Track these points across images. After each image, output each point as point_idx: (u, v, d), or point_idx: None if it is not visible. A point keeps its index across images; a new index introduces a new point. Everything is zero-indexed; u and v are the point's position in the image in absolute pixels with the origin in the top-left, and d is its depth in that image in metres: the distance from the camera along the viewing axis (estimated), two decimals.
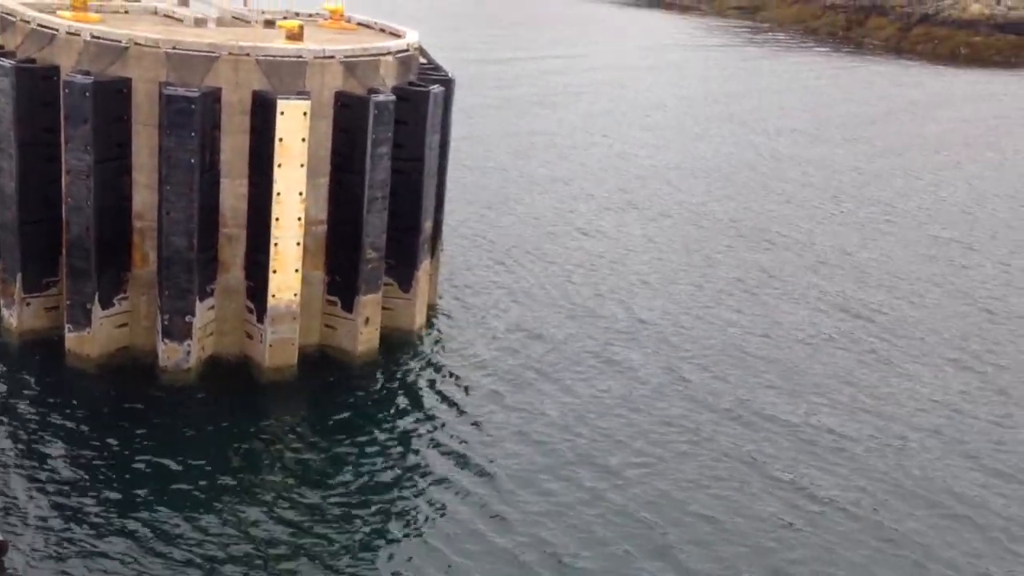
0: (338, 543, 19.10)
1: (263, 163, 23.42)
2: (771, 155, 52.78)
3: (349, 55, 24.42)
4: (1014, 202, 47.80)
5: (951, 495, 22.56)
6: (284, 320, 24.25)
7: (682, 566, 19.18)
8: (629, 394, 25.59)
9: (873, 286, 34.82)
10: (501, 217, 38.60)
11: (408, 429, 23.53)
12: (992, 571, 19.99)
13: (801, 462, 23.24)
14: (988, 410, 26.64)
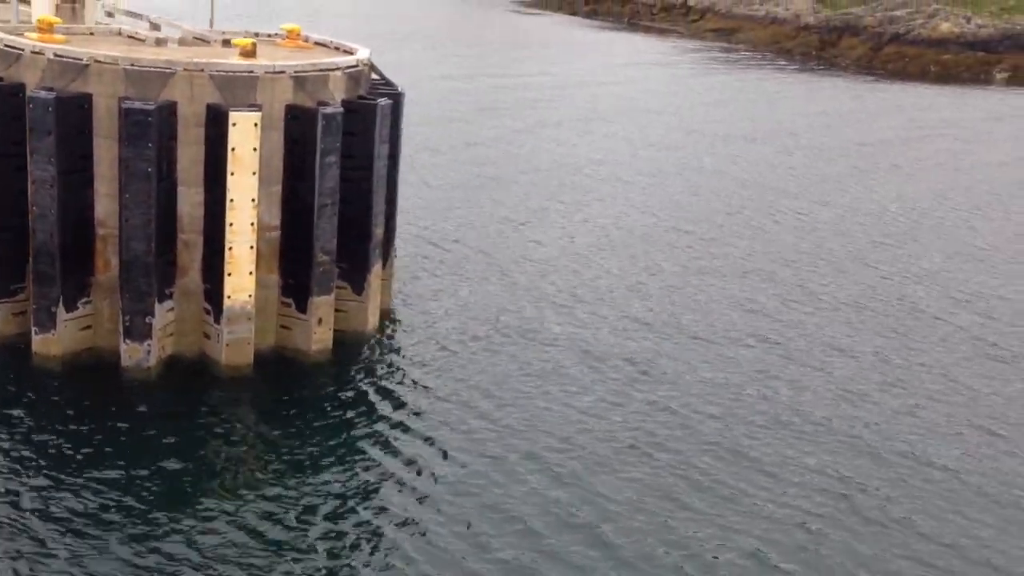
0: (291, 537, 19.98)
1: (217, 172, 24.89)
2: (730, 161, 54.40)
3: (299, 70, 25.93)
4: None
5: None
6: (239, 320, 25.65)
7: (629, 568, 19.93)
8: (576, 397, 26.58)
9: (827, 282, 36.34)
10: (459, 226, 40.07)
11: (358, 426, 24.65)
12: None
13: (762, 457, 24.58)
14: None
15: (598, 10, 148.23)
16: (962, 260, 41.16)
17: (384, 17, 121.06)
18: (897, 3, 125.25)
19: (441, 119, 60.50)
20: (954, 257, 41.49)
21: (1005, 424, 27.13)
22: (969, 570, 20.70)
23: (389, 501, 21.60)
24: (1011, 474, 24.62)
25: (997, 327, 34.09)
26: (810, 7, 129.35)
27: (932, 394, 28.58)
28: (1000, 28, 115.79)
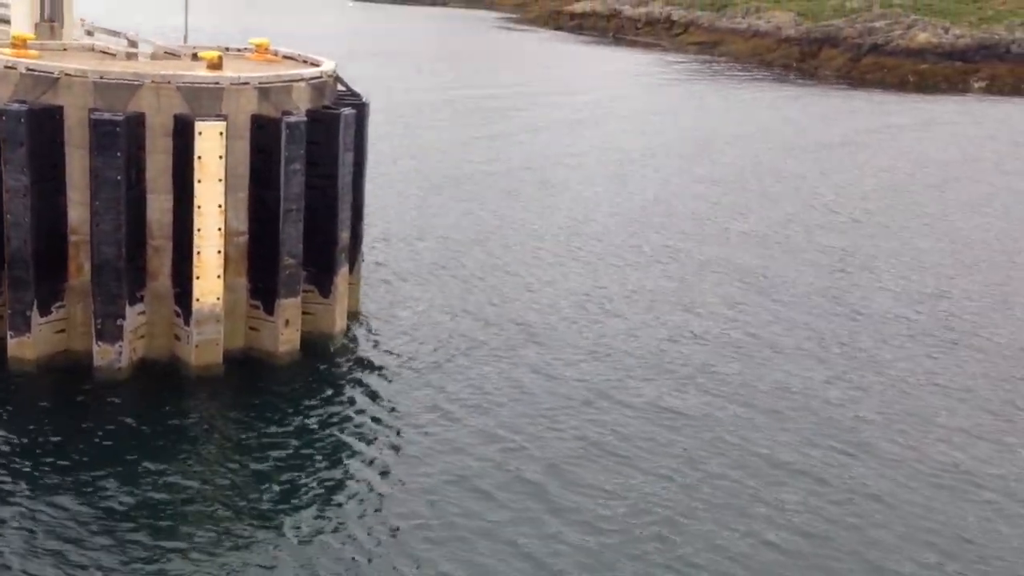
0: (259, 532, 20.70)
1: (185, 179, 25.90)
2: (698, 166, 55.52)
3: (263, 81, 26.97)
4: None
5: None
6: (208, 322, 26.62)
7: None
8: (538, 397, 27.44)
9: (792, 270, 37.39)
10: (429, 232, 41.16)
11: (324, 424, 25.41)
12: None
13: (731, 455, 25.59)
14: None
15: (583, 25, 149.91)
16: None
17: (375, 37, 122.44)
18: (876, 15, 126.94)
19: (416, 129, 61.84)
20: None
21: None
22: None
23: (353, 497, 22.33)
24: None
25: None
26: (791, 20, 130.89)
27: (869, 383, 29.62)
28: (977, 38, 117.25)
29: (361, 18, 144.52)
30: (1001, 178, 61.28)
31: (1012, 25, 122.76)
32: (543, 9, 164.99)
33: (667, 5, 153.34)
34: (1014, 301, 38.09)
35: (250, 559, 19.91)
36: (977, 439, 26.77)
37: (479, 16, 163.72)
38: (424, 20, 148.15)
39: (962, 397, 29.34)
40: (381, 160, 52.47)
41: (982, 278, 40.57)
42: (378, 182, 48.11)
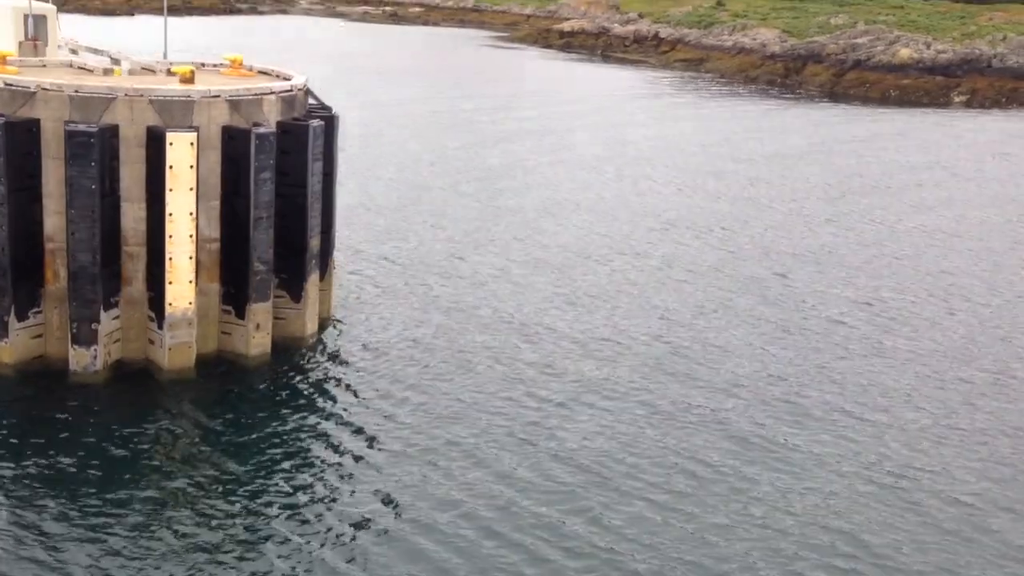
0: (228, 529, 21.47)
1: (157, 188, 26.92)
2: (668, 177, 56.61)
3: (234, 94, 28.03)
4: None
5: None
6: (181, 326, 27.60)
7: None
8: (508, 402, 28.24)
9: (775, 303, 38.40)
10: (402, 241, 42.24)
11: (293, 426, 26.23)
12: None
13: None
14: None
15: (572, 43, 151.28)
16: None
17: (367, 55, 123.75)
18: (860, 31, 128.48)
19: (394, 142, 62.95)
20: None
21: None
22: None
23: (319, 497, 23.09)
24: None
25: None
26: (776, 37, 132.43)
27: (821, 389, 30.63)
28: (960, 53, 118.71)
29: (352, 38, 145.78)
30: (958, 183, 62.46)
31: (995, 40, 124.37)
32: (533, 28, 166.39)
33: (655, 23, 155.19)
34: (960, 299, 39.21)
35: (220, 557, 20.64)
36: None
37: (470, 35, 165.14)
38: (413, 39, 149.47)
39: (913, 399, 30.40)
40: (357, 171, 53.80)
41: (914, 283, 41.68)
42: (355, 192, 49.44)
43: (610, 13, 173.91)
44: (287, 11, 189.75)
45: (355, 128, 67.30)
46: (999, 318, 37.94)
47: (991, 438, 27.95)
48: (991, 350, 34.54)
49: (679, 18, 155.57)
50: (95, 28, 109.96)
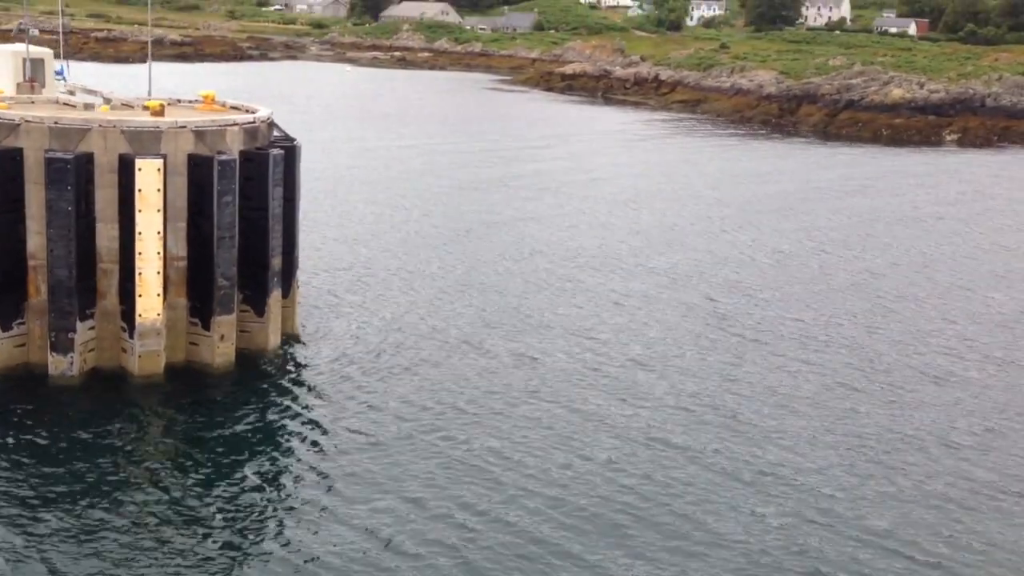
0: (189, 526, 23.50)
1: (128, 209, 29.75)
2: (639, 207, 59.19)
3: (199, 126, 30.92)
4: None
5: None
6: (150, 336, 30.33)
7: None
8: (457, 410, 30.58)
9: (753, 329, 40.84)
10: (370, 262, 45.20)
11: (253, 429, 28.78)
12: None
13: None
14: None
15: (573, 85, 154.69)
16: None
17: (366, 97, 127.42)
18: (855, 72, 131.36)
19: (377, 178, 65.99)
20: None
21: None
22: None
23: (274, 497, 25.28)
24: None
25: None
26: (773, 78, 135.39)
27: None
28: (953, 93, 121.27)
29: (356, 83, 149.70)
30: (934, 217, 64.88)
31: (990, 80, 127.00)
32: (537, 71, 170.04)
33: (656, 65, 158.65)
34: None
35: (182, 553, 22.53)
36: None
37: (474, 78, 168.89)
38: (416, 83, 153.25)
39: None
40: (336, 202, 57.07)
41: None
42: (330, 219, 52.50)
43: (614, 56, 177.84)
44: (297, 57, 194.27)
45: (337, 163, 71.06)
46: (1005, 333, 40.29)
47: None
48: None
49: (680, 60, 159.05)
50: (111, 74, 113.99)
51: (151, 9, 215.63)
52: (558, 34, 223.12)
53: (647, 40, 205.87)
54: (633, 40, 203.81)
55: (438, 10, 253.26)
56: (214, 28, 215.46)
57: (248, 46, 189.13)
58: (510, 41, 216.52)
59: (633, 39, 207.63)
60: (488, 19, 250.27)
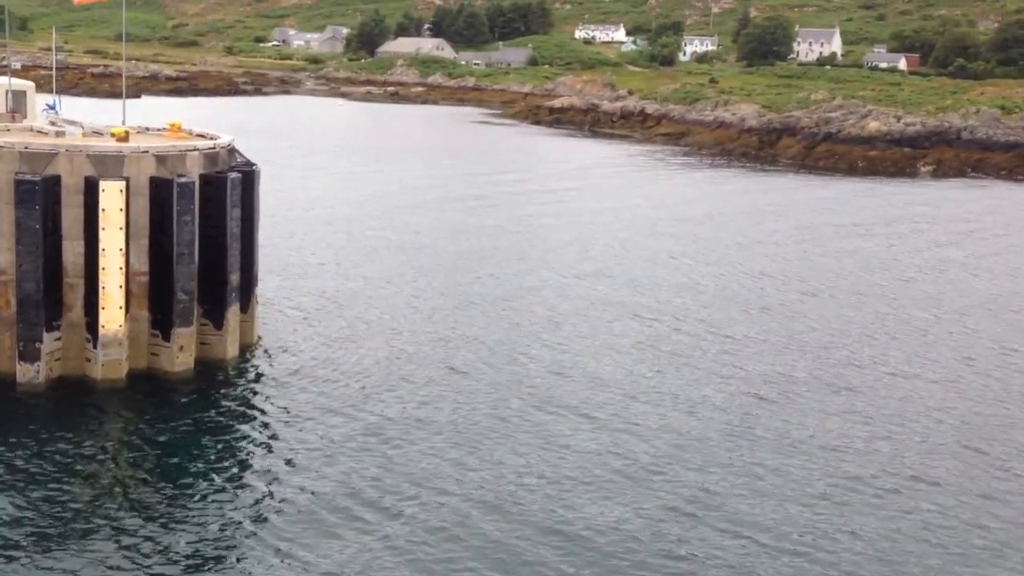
0: (145, 523, 25.22)
1: (92, 228, 32.10)
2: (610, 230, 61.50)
3: (160, 151, 33.35)
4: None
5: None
6: (112, 346, 32.60)
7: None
8: (396, 418, 32.65)
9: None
10: (328, 282, 47.47)
11: (209, 432, 30.91)
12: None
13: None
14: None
15: (561, 119, 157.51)
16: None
17: (350, 131, 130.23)
18: (834, 105, 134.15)
19: (364, 206, 68.54)
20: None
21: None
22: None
23: (229, 493, 27.14)
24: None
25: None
26: (755, 111, 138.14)
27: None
28: (929, 125, 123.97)
29: (346, 116, 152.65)
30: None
31: (968, 113, 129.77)
32: (527, 105, 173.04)
33: (642, 99, 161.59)
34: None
35: (141, 544, 24.30)
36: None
37: (465, 112, 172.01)
38: (405, 117, 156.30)
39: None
40: (305, 226, 59.58)
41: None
42: (297, 241, 54.98)
43: (604, 91, 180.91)
44: (291, 91, 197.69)
45: (310, 190, 73.87)
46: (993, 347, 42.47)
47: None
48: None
49: (666, 94, 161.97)
50: (104, 108, 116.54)
51: (150, 45, 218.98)
52: (551, 69, 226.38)
53: (639, 75, 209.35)
54: (625, 75, 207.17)
55: (433, 45, 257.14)
56: (211, 63, 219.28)
57: (243, 81, 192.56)
58: (503, 76, 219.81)
59: (626, 74, 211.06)
60: (483, 54, 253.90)
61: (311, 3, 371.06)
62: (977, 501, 28.66)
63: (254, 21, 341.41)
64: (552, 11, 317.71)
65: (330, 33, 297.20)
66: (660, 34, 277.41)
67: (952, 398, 36.88)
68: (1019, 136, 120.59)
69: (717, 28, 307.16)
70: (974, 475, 30.35)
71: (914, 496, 28.74)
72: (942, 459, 31.40)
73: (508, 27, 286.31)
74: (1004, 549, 26.08)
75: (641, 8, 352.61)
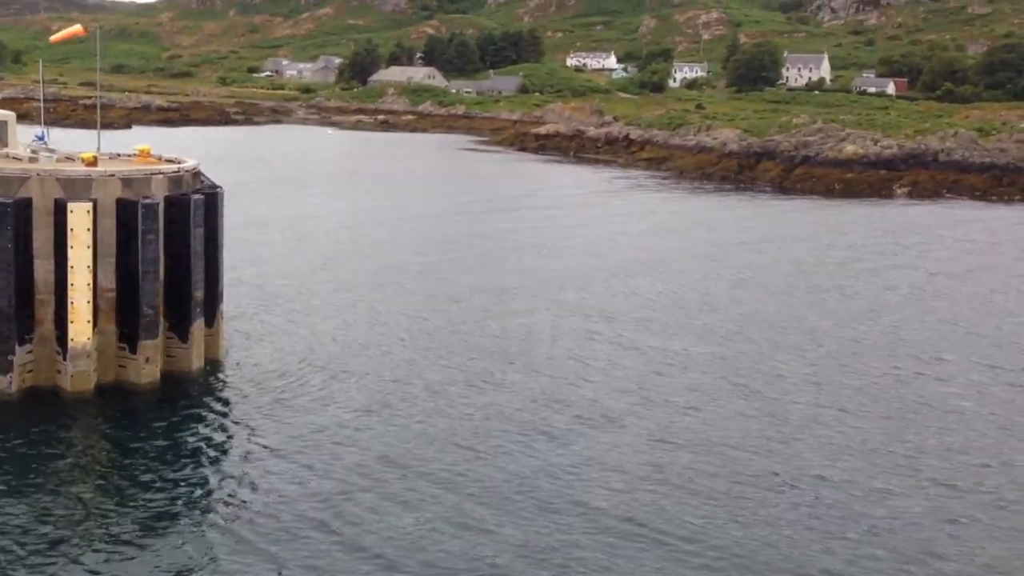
0: (112, 523, 26.97)
1: (62, 247, 34.16)
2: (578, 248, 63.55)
3: (126, 175, 35.46)
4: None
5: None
6: (81, 358, 34.60)
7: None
8: (352, 427, 34.60)
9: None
10: (296, 300, 49.54)
11: (174, 440, 32.70)
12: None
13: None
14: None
15: (547, 145, 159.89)
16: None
17: (332, 159, 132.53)
18: (813, 129, 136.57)
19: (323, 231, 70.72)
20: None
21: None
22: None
23: (191, 498, 28.93)
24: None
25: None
26: (736, 136, 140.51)
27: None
28: (905, 148, 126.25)
29: (333, 145, 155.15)
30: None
31: (945, 136, 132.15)
32: (515, 132, 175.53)
33: (627, 125, 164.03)
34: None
35: (104, 548, 25.79)
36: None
37: (452, 139, 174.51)
38: (391, 145, 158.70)
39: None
40: (277, 247, 61.67)
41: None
42: (265, 262, 57.04)
43: (592, 117, 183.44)
44: (282, 121, 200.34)
45: (280, 215, 76.14)
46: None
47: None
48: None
49: (651, 120, 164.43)
50: (94, 138, 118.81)
51: (145, 76, 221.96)
52: (542, 96, 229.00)
53: (629, 101, 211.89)
54: (615, 102, 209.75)
55: (425, 74, 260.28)
56: (203, 94, 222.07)
57: (234, 111, 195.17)
58: (493, 104, 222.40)
59: (616, 101, 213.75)
60: (474, 82, 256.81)
61: (304, 33, 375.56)
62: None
63: (248, 52, 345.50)
64: (544, 39, 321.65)
65: (323, 63, 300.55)
66: (650, 61, 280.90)
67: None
68: (995, 157, 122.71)
69: (707, 55, 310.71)
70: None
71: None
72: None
73: (499, 55, 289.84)
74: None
75: (632, 36, 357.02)
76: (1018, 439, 35.30)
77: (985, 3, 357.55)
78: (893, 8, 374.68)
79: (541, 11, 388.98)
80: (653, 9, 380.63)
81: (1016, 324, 51.86)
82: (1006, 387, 41.10)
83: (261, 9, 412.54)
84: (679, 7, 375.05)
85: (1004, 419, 37.16)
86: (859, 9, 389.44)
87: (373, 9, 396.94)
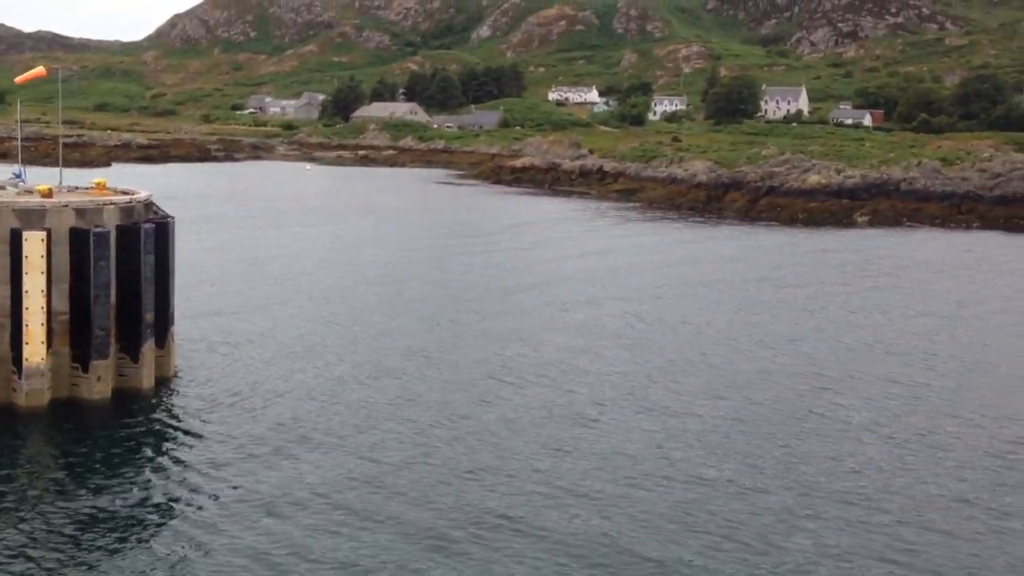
0: (63, 532, 29.31)
1: (17, 273, 36.68)
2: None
3: (79, 205, 38.05)
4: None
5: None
6: (35, 376, 37.05)
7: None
8: (294, 442, 36.90)
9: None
10: (253, 319, 51.88)
11: (122, 453, 34.87)
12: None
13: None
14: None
15: (522, 178, 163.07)
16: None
17: (305, 195, 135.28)
18: (779, 160, 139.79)
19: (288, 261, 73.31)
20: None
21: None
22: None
23: (141, 511, 30.53)
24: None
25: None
26: (706, 167, 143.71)
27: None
28: (868, 178, 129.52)
29: (309, 181, 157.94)
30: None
31: (909, 165, 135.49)
32: (492, 166, 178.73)
33: (602, 158, 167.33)
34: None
35: (53, 557, 28.08)
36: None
37: (430, 174, 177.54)
38: (370, 178, 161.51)
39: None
40: (232, 275, 64.05)
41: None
42: (217, 289, 59.53)
43: (568, 150, 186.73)
44: (262, 157, 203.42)
45: (245, 245, 78.43)
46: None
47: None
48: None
49: (625, 152, 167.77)
50: (74, 176, 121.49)
51: (128, 115, 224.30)
52: (522, 130, 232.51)
53: (608, 135, 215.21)
54: (594, 135, 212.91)
55: (407, 110, 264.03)
56: (185, 131, 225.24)
57: (215, 148, 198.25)
58: (473, 138, 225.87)
59: (595, 134, 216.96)
60: (455, 117, 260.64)
61: (288, 71, 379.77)
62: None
63: (232, 89, 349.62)
64: (525, 74, 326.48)
65: (306, 99, 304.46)
66: (630, 94, 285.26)
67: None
68: (955, 186, 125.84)
69: (687, 88, 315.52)
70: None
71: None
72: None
73: (481, 90, 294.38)
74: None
75: (614, 70, 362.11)
76: (894, 446, 37.57)
77: (962, 35, 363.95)
78: (871, 41, 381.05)
79: (524, 46, 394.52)
80: (634, 44, 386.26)
81: (935, 343, 54.50)
82: (903, 401, 43.42)
83: (245, 47, 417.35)
84: (659, 42, 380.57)
85: (891, 431, 39.43)
86: (838, 42, 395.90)
87: (357, 46, 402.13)
